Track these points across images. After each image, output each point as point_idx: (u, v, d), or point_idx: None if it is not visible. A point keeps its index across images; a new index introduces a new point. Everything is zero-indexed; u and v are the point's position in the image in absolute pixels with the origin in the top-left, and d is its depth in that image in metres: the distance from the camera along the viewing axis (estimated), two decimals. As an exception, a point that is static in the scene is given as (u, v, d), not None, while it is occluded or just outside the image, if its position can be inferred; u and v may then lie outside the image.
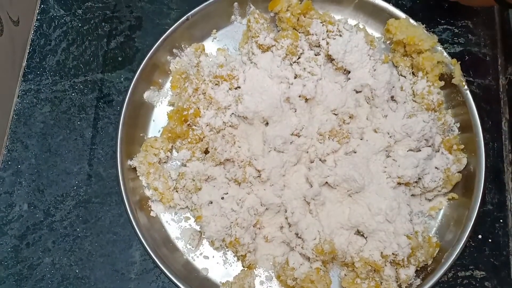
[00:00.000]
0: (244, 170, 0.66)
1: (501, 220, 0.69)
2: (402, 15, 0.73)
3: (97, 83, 0.74)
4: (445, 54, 0.71)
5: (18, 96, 0.74)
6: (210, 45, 0.76)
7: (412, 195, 0.68)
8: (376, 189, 0.65)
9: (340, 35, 0.72)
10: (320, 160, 0.67)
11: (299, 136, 0.68)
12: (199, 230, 0.68)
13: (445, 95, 0.71)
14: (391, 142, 0.67)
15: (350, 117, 0.69)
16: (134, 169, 0.69)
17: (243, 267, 0.67)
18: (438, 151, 0.68)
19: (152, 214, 0.69)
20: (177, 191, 0.69)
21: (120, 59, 0.75)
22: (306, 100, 0.69)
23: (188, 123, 0.69)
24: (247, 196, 0.66)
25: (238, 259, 0.67)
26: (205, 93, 0.70)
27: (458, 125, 0.71)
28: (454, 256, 0.64)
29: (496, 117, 0.72)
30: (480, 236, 0.68)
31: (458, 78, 0.69)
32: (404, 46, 0.72)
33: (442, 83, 0.70)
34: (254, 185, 0.67)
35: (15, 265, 0.66)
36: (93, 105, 0.73)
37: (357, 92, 0.71)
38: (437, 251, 0.66)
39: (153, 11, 0.78)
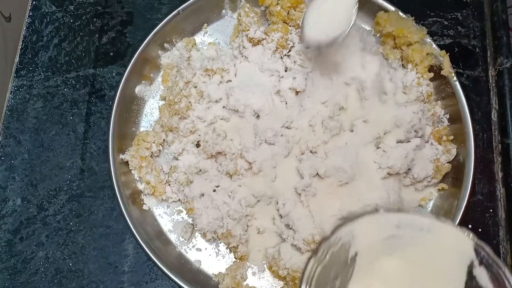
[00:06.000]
0: (235, 163, 0.67)
1: (491, 210, 0.69)
2: (391, 8, 0.74)
3: (89, 78, 0.75)
4: (434, 46, 0.71)
5: (11, 92, 0.74)
6: (201, 39, 0.77)
7: (403, 186, 0.69)
8: (367, 179, 0.66)
9: (330, 28, 0.72)
10: (310, 151, 0.68)
11: (290, 129, 0.69)
12: (192, 223, 0.69)
13: (435, 86, 0.72)
14: (381, 133, 0.67)
15: (340, 109, 0.70)
16: (126, 163, 0.69)
17: (236, 258, 0.67)
18: (428, 142, 0.69)
19: (144, 207, 0.70)
20: (169, 185, 0.69)
21: (111, 54, 0.76)
22: (297, 93, 0.70)
23: (179, 116, 0.69)
24: (239, 188, 0.67)
25: (230, 251, 0.68)
26: (196, 86, 0.70)
27: (448, 116, 0.71)
28: (444, 245, 0.65)
29: (486, 108, 0.73)
30: (470, 226, 0.68)
31: (447, 69, 0.70)
32: (393, 38, 0.72)
33: (432, 74, 0.70)
34: (246, 177, 0.67)
35: (9, 259, 0.67)
36: (85, 100, 0.74)
37: (347, 84, 0.72)
38: (427, 241, 0.66)
39: (144, 6, 0.78)
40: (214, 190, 0.67)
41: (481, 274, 0.45)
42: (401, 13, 0.72)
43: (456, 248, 0.47)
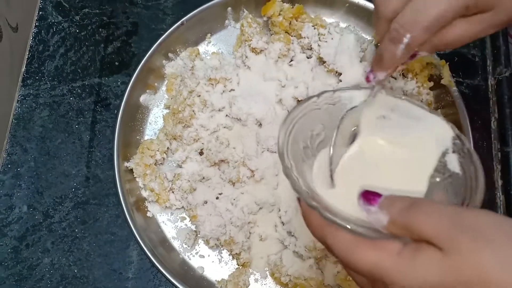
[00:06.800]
0: (238, 170, 0.68)
1: (491, 218, 0.70)
2: (392, 18, 0.75)
3: (94, 87, 0.76)
4: (434, 55, 0.72)
5: (18, 100, 0.76)
6: (205, 49, 0.78)
7: (403, 193, 0.70)
8: (368, 187, 0.67)
9: (332, 38, 0.73)
10: (312, 159, 0.69)
11: (291, 137, 0.70)
12: (195, 230, 0.70)
13: (435, 95, 0.73)
14: (381, 141, 0.68)
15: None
16: (131, 170, 0.70)
17: (238, 265, 0.68)
18: (428, 150, 0.70)
19: (148, 214, 0.70)
20: (173, 192, 0.70)
21: (117, 63, 0.77)
22: (299, 101, 0.71)
23: (183, 125, 0.70)
24: (241, 196, 0.68)
25: (233, 258, 0.69)
26: (199, 95, 0.71)
27: (448, 124, 0.72)
28: (444, 252, 0.65)
29: (485, 117, 0.74)
30: (470, 233, 0.69)
31: (447, 79, 0.71)
32: (394, 48, 0.73)
33: (431, 83, 0.72)
34: (248, 185, 0.68)
35: (15, 266, 0.68)
36: (91, 109, 0.75)
37: (348, 93, 0.73)
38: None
39: (149, 16, 0.79)
40: (217, 198, 0.68)
41: (452, 159, 0.46)
42: (401, 23, 0.73)
43: (435, 136, 0.47)
